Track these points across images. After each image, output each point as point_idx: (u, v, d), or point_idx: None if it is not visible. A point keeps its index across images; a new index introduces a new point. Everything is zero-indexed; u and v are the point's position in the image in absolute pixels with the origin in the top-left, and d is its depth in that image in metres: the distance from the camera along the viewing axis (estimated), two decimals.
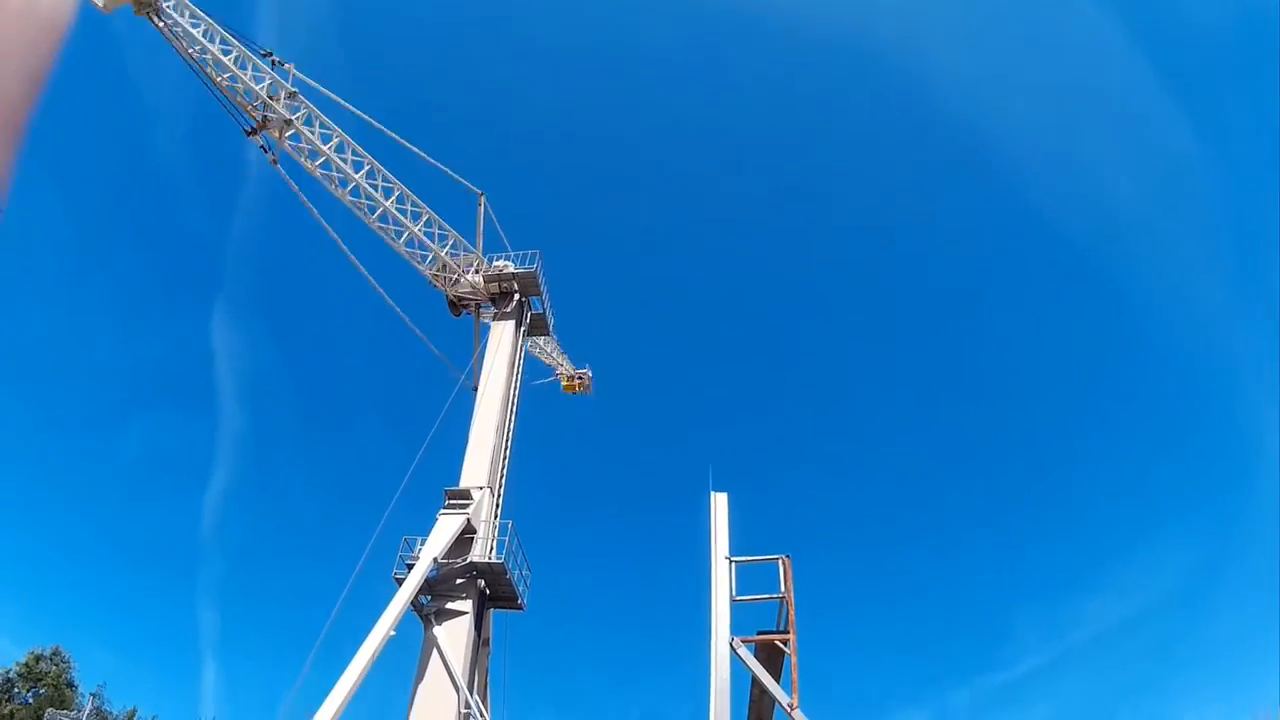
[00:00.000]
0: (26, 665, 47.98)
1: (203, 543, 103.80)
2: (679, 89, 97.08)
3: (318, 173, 28.31)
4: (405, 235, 29.84)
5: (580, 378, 41.22)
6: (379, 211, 29.14)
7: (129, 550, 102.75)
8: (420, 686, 22.85)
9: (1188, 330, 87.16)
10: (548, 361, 39.76)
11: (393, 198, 29.52)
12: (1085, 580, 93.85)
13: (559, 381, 40.89)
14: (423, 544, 23.44)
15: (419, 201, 30.08)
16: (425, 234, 30.14)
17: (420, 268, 30.48)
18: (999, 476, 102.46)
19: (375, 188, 29.09)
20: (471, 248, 31.38)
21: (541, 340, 37.06)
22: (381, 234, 29.47)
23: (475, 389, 29.27)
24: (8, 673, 47.73)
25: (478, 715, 22.83)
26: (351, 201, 28.85)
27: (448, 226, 30.93)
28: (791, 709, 16.63)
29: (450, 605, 23.55)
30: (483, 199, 32.39)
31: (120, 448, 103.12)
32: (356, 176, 28.64)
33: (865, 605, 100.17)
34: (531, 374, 36.91)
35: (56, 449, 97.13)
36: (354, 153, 28.87)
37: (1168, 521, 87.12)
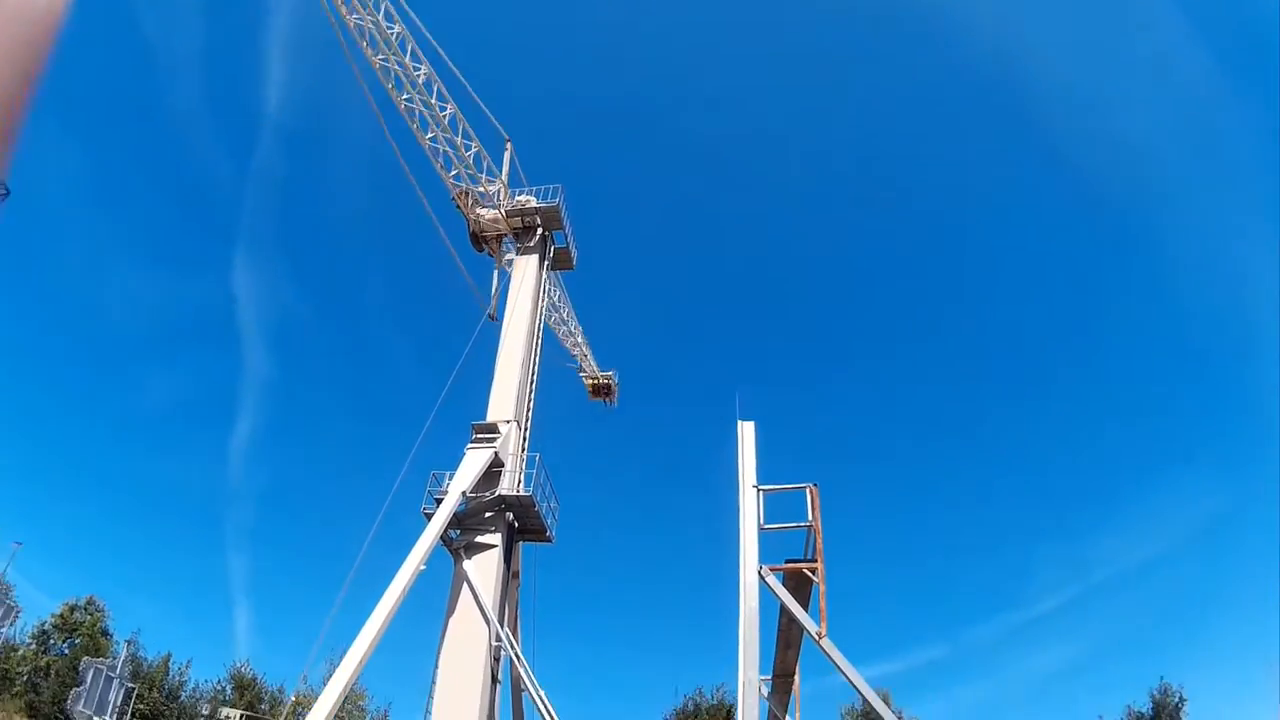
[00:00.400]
0: (61, 616, 48.41)
1: (231, 488, 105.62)
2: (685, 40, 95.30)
3: (376, 62, 27.63)
4: (442, 151, 29.49)
5: (607, 382, 40.57)
6: (423, 116, 28.71)
7: (158, 498, 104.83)
8: (451, 620, 23.11)
9: (1218, 266, 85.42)
10: (574, 351, 39.40)
11: (447, 111, 29.10)
12: (1106, 520, 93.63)
13: (584, 381, 40.51)
14: (451, 479, 23.49)
15: (462, 118, 29.66)
16: (464, 157, 29.83)
17: (448, 178, 29.90)
18: (1022, 414, 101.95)
19: (431, 94, 28.66)
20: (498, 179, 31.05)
21: (571, 324, 36.92)
22: (419, 138, 28.94)
23: (492, 317, 29.44)
24: (43, 624, 48.23)
25: (508, 647, 23.10)
26: (405, 102, 28.42)
27: (486, 154, 30.65)
28: (820, 637, 16.61)
29: (479, 539, 23.71)
30: (509, 145, 32.10)
31: (145, 396, 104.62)
32: (416, 75, 28.21)
33: (888, 539, 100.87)
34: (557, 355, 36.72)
35: (81, 399, 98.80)
36: (413, 55, 28.31)
37: (1193, 461, 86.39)
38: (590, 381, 40.24)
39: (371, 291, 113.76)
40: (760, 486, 16.85)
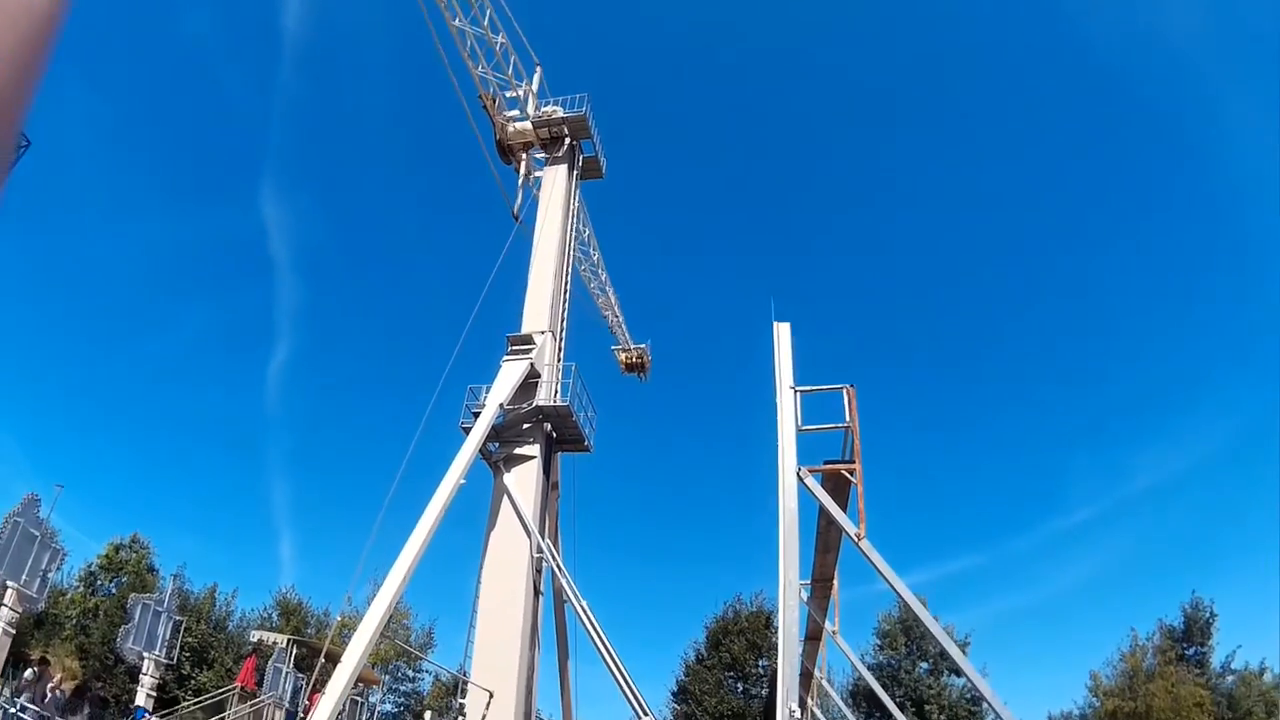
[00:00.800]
0: (106, 556, 48.30)
1: (269, 416, 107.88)
2: None
3: None
4: (469, 42, 28.48)
5: (640, 357, 39.16)
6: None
7: (198, 431, 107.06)
8: (492, 534, 23.38)
9: (1261, 166, 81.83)
10: (605, 314, 38.39)
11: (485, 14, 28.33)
12: (1144, 427, 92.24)
13: (616, 355, 39.33)
14: (488, 392, 23.56)
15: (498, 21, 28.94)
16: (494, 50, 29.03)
17: (475, 72, 28.90)
18: (1057, 315, 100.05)
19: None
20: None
21: (602, 275, 36.31)
22: (449, 24, 27.73)
23: (516, 217, 29.27)
24: (89, 566, 48.14)
25: (549, 558, 23.40)
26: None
27: (514, 51, 29.88)
28: (858, 539, 16.55)
29: (518, 450, 23.85)
30: (539, 69, 31.39)
31: (179, 330, 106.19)
32: None
33: (926, 446, 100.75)
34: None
35: (115, 339, 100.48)
36: None
37: (1237, 367, 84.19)
38: (624, 356, 39.09)
39: (401, 212, 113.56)
40: (797, 388, 16.62)
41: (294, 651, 27.37)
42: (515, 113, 30.20)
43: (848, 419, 16.48)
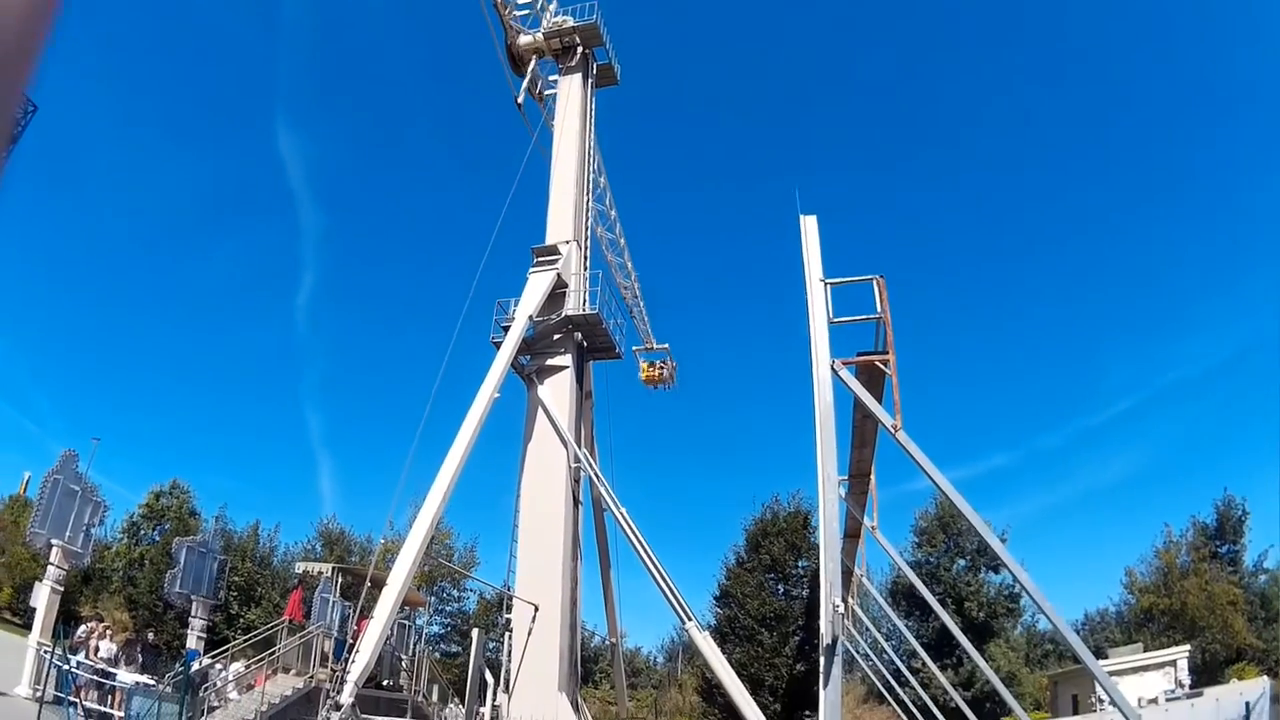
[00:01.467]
0: (148, 505, 48.75)
1: (299, 347, 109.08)
2: None
3: None
4: None
5: (661, 368, 32.90)
6: None
7: (230, 371, 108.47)
8: (529, 446, 23.53)
9: None
10: (626, 294, 33.16)
11: None
12: (1179, 317, 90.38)
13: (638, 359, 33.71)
14: (516, 305, 23.55)
15: None
16: None
17: None
18: (1089, 198, 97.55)
19: None
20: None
21: (621, 241, 34.16)
22: None
23: (522, 112, 28.65)
24: (132, 516, 48.55)
25: (587, 467, 23.57)
26: None
27: None
28: (895, 430, 16.47)
29: (550, 361, 23.92)
30: None
31: (204, 272, 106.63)
32: None
33: (958, 339, 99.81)
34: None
35: (138, 286, 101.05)
36: None
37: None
38: (646, 371, 32.99)
39: (417, 132, 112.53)
40: (827, 280, 16.39)
41: (339, 580, 27.31)
42: (525, 35, 29.45)
43: (879, 310, 16.25)
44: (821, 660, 12.88)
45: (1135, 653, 33.75)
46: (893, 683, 26.04)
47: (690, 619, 21.98)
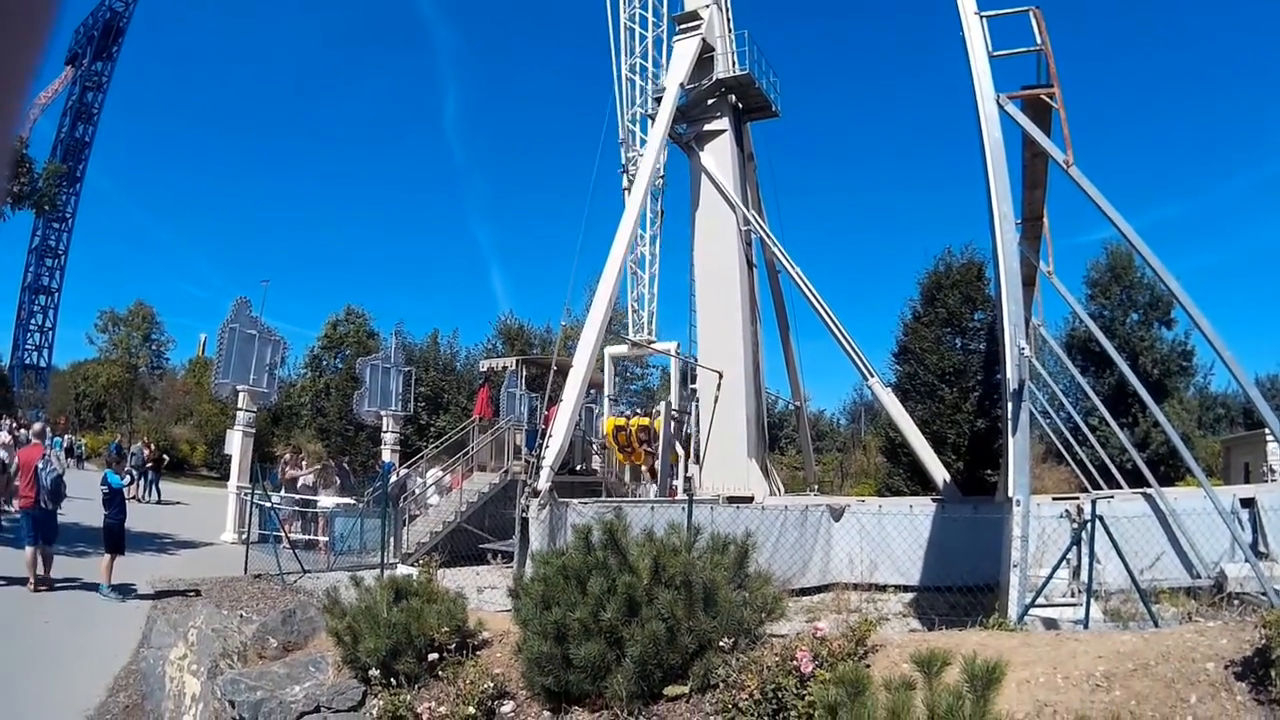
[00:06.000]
0: (326, 335, 48.82)
1: (458, 166, 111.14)
2: None
3: None
4: None
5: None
6: None
7: (392, 196, 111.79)
8: (698, 214, 23.82)
9: None
10: None
11: None
12: None
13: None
14: (665, 76, 23.26)
15: None
16: None
17: None
18: None
19: None
20: None
21: None
22: None
23: None
24: (312, 349, 49.30)
25: (757, 228, 23.79)
26: None
27: None
28: (1067, 165, 15.73)
29: (707, 127, 23.78)
30: None
31: (350, 104, 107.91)
32: None
33: (1116, 84, 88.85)
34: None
35: (288, 129, 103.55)
36: None
37: None
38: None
39: None
40: (982, 14, 15.35)
41: (524, 373, 27.49)
42: None
43: (1039, 41, 15.15)
44: (1009, 406, 12.45)
45: None
46: (1072, 441, 25.71)
47: (872, 375, 22.29)
